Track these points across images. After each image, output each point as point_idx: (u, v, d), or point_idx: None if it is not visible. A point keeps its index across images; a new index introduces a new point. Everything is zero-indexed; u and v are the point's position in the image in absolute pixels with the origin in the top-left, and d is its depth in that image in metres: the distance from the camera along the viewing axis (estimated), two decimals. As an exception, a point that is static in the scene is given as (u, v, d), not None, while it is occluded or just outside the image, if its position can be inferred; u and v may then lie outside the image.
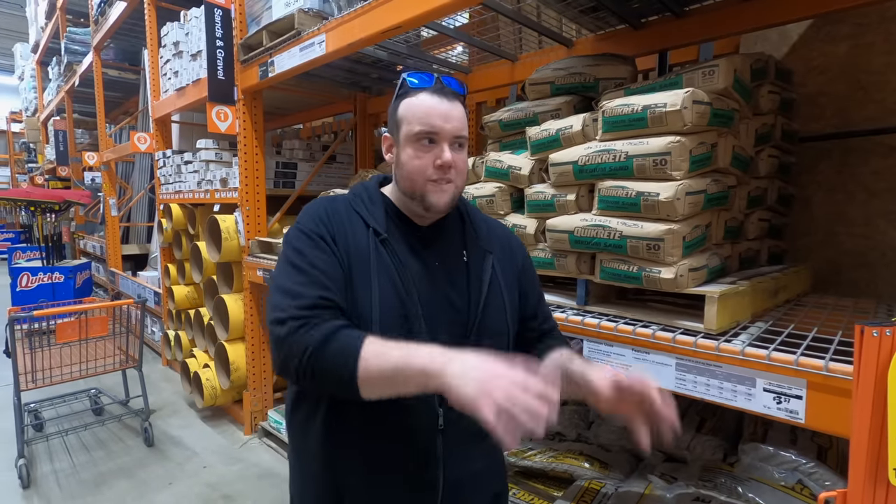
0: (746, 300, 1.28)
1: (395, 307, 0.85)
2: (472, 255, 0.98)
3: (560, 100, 1.68)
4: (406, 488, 0.90)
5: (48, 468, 2.71)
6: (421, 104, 0.89)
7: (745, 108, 1.43)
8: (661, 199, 1.18)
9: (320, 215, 0.91)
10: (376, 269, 0.87)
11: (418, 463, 0.89)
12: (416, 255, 0.92)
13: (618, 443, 1.80)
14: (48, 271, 5.09)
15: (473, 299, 0.94)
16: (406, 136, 0.90)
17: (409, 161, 0.90)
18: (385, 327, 0.83)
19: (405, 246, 0.92)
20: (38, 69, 9.34)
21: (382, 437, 0.89)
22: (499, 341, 0.95)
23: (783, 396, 1.01)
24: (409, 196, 0.92)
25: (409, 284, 0.87)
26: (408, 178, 0.91)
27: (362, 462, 0.90)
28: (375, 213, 0.93)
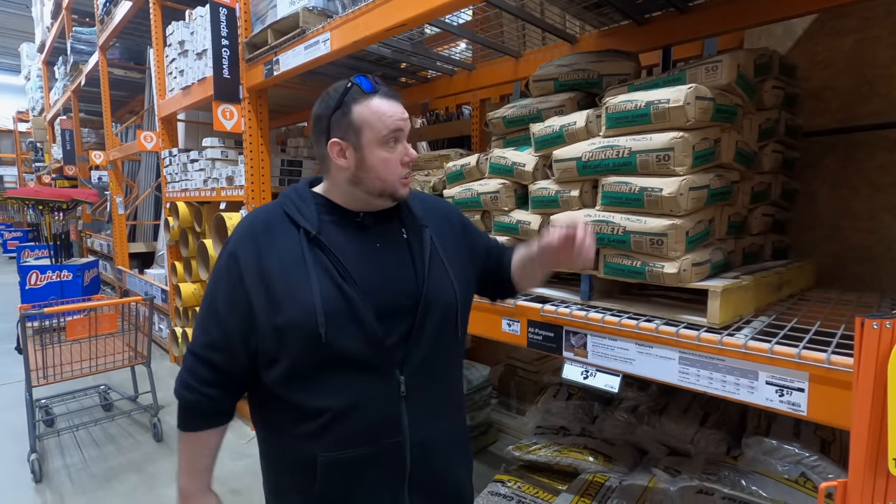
0: (749, 295, 1.29)
1: (335, 295, 0.91)
2: (410, 232, 1.04)
3: (564, 96, 1.69)
4: (375, 456, 0.95)
5: (59, 463, 2.75)
6: (383, 109, 0.95)
7: (749, 104, 1.44)
8: (665, 194, 1.18)
9: (242, 237, 0.97)
10: (313, 266, 0.92)
11: (384, 431, 0.95)
12: (355, 242, 0.98)
13: (622, 437, 1.82)
14: (56, 269, 5.14)
15: (419, 273, 1.00)
16: (373, 140, 0.95)
17: (380, 163, 0.95)
18: (329, 315, 0.89)
19: (342, 236, 0.97)
20: (44, 69, 9.40)
21: (349, 409, 0.93)
22: (445, 307, 1.01)
23: (785, 389, 1.02)
24: (376, 193, 0.98)
25: (345, 272, 0.93)
26: (378, 179, 0.96)
27: (331, 435, 0.93)
28: (306, 212, 0.97)
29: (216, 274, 0.98)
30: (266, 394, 0.97)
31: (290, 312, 0.89)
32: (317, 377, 0.93)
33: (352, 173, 0.97)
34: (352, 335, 0.91)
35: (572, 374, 1.38)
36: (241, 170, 3.05)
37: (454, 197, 1.84)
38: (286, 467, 0.98)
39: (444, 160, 2.59)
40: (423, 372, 0.98)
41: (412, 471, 0.98)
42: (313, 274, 0.91)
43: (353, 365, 0.93)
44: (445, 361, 1.04)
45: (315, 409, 0.93)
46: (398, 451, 0.96)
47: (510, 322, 1.54)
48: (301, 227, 0.95)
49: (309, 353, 0.91)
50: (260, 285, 0.92)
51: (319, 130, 0.99)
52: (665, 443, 1.71)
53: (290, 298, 0.90)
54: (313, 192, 1.03)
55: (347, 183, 0.98)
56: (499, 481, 1.80)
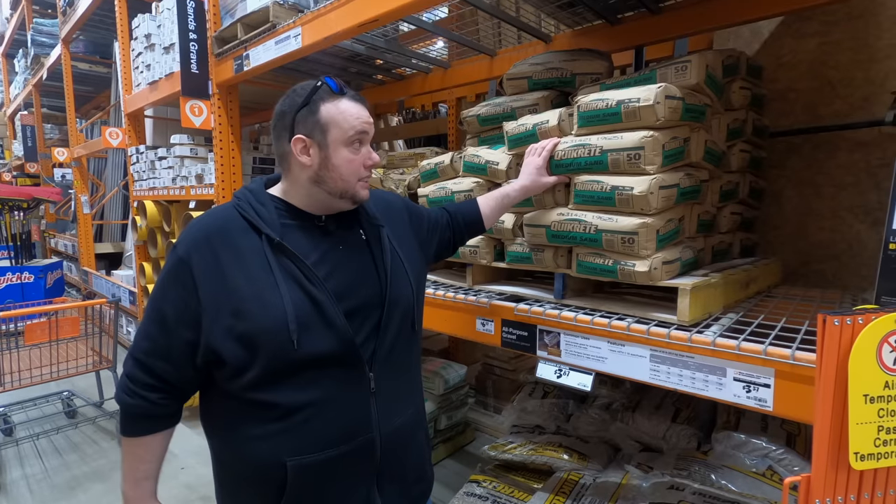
0: (718, 292, 1.31)
1: (305, 301, 0.90)
2: (368, 232, 1.05)
3: (537, 95, 1.68)
4: (346, 455, 0.94)
5: (18, 473, 2.63)
6: (351, 110, 0.95)
7: (717, 104, 1.46)
8: (635, 193, 1.19)
9: (196, 244, 0.92)
10: (279, 274, 0.90)
11: (356, 428, 0.95)
12: (318, 246, 0.97)
13: (596, 434, 1.83)
14: (17, 271, 4.93)
15: (381, 272, 1.02)
16: (339, 140, 0.95)
17: (344, 163, 0.96)
18: (302, 324, 0.88)
19: (305, 241, 0.96)
20: (3, 62, 9.01)
21: (320, 409, 0.92)
22: (406, 304, 1.05)
23: (752, 385, 1.03)
24: (337, 194, 0.97)
25: (314, 276, 0.92)
26: (341, 179, 0.96)
27: (302, 438, 0.92)
28: (266, 216, 0.94)
29: (165, 279, 0.93)
30: (227, 399, 0.93)
31: (260, 322, 0.87)
32: (287, 381, 0.90)
33: (314, 172, 0.95)
34: (323, 338, 0.90)
35: (546, 373, 1.38)
36: (211, 168, 2.97)
37: (428, 195, 1.83)
38: (250, 475, 0.94)
39: (419, 158, 2.57)
40: (389, 366, 1.01)
41: (382, 465, 0.98)
42: (281, 281, 0.89)
43: (324, 365, 0.91)
44: (408, 354, 1.08)
45: (284, 412, 0.90)
46: (369, 447, 0.97)
47: (484, 322, 1.53)
48: (263, 232, 0.92)
49: (280, 360, 0.89)
50: (219, 296, 0.88)
51: (282, 127, 0.97)
52: (638, 439, 1.73)
53: (259, 308, 0.88)
54: (270, 194, 1.00)
55: (309, 182, 0.96)
56: (474, 481, 1.79)
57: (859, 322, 0.74)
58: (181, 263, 0.91)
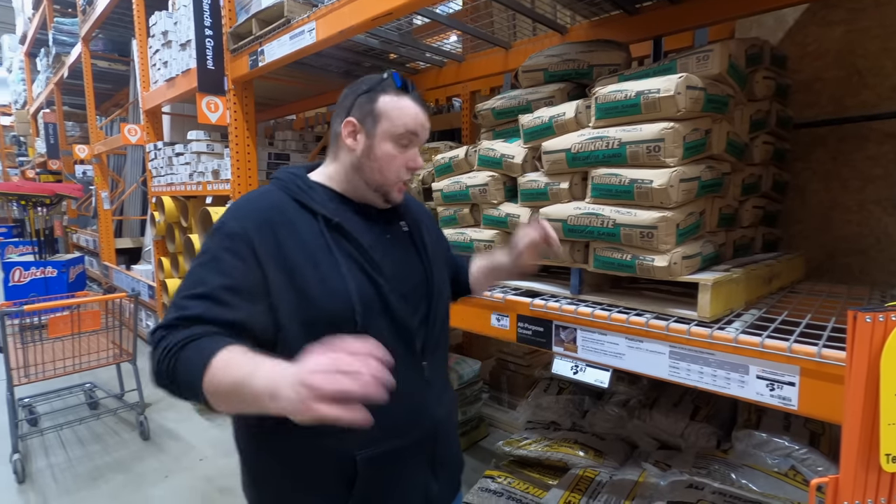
0: (740, 288, 1.28)
1: (367, 285, 0.89)
2: (409, 224, 1.06)
3: (553, 87, 1.66)
4: (410, 445, 0.94)
5: (44, 463, 2.70)
6: (408, 108, 0.95)
7: (740, 94, 1.42)
8: (655, 186, 1.16)
9: (261, 218, 0.87)
10: (339, 255, 0.89)
11: (417, 418, 0.95)
12: (369, 233, 0.96)
13: (613, 431, 1.81)
14: (41, 266, 5.05)
15: (425, 261, 1.03)
16: (386, 133, 0.94)
17: (385, 157, 0.95)
18: (364, 306, 0.87)
19: (356, 226, 0.95)
20: (26, 61, 9.20)
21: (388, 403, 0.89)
22: (446, 296, 1.07)
23: (776, 383, 1.01)
24: (372, 187, 0.97)
25: (371, 259, 0.91)
26: (379, 172, 0.95)
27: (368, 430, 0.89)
28: (318, 199, 0.94)
29: (214, 253, 0.84)
30: None
31: (324, 303, 0.86)
32: None
33: (357, 158, 0.96)
34: (383, 323, 0.90)
35: (562, 368, 1.36)
36: (227, 163, 3.00)
37: (443, 190, 1.81)
38: (310, 468, 0.90)
39: (433, 153, 2.55)
40: (436, 356, 1.02)
41: (437, 452, 0.99)
42: (342, 263, 0.88)
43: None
44: (447, 345, 1.11)
45: None
46: (429, 436, 0.97)
47: (500, 317, 1.52)
48: (319, 213, 0.91)
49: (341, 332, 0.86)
50: (282, 277, 0.85)
51: (341, 108, 0.97)
52: (655, 437, 1.70)
53: (322, 287, 0.86)
54: (315, 180, 0.99)
55: (352, 168, 0.97)
56: (489, 477, 1.78)
57: (892, 319, 0.71)
58: (237, 237, 0.84)
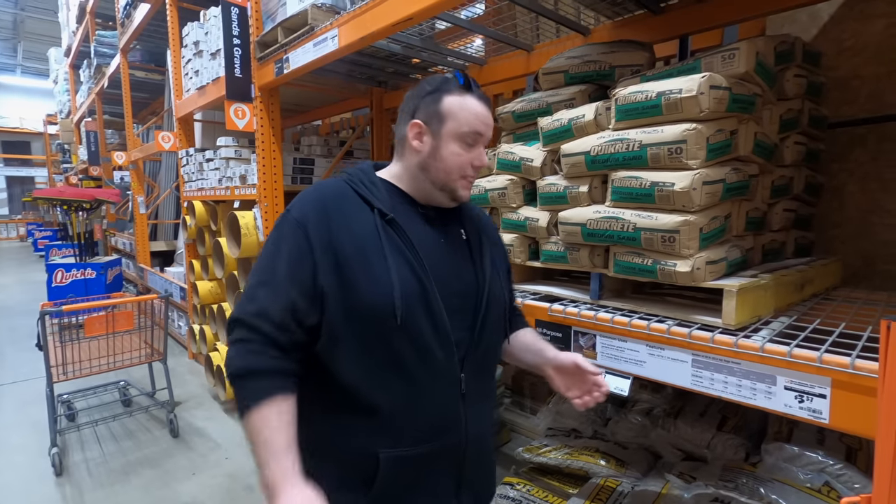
0: (768, 294, 1.23)
1: (412, 282, 0.89)
2: (469, 232, 1.04)
3: (574, 89, 1.63)
4: (435, 455, 0.93)
5: (80, 457, 2.81)
6: (473, 107, 0.95)
7: (769, 93, 1.37)
8: (676, 189, 1.13)
9: (313, 208, 0.92)
10: (389, 249, 0.89)
11: (446, 428, 0.94)
12: (424, 231, 0.97)
13: (635, 440, 1.76)
14: (81, 267, 5.28)
15: (479, 272, 1.01)
16: (452, 133, 0.95)
17: (451, 156, 0.95)
18: (407, 302, 0.87)
19: (412, 224, 0.95)
20: (70, 72, 9.67)
21: (412, 403, 0.91)
22: (500, 308, 1.03)
23: (805, 395, 0.96)
24: (438, 186, 0.97)
25: (419, 258, 0.91)
26: (444, 171, 0.96)
27: (394, 430, 0.90)
28: (378, 194, 0.95)
29: (279, 241, 0.91)
30: (319, 381, 0.91)
31: (366, 292, 0.86)
32: (384, 366, 0.89)
33: (423, 158, 0.96)
34: (423, 323, 0.89)
35: (581, 375, 1.33)
36: (253, 168, 3.07)
37: (462, 194, 1.81)
38: (336, 462, 0.92)
39: (454, 157, 2.55)
40: (479, 370, 0.99)
41: (465, 470, 0.97)
42: (389, 254, 0.89)
43: (419, 356, 0.89)
44: (494, 359, 1.07)
45: (378, 402, 0.89)
46: (457, 451, 0.95)
47: (518, 322, 1.50)
48: (375, 206, 0.92)
49: (380, 338, 0.88)
50: (329, 262, 0.88)
51: (406, 110, 0.99)
52: (680, 447, 1.65)
53: (367, 277, 0.87)
54: (379, 176, 1.00)
55: (417, 167, 0.98)
56: (508, 484, 1.76)
57: (930, 329, 0.66)
58: (297, 225, 0.90)
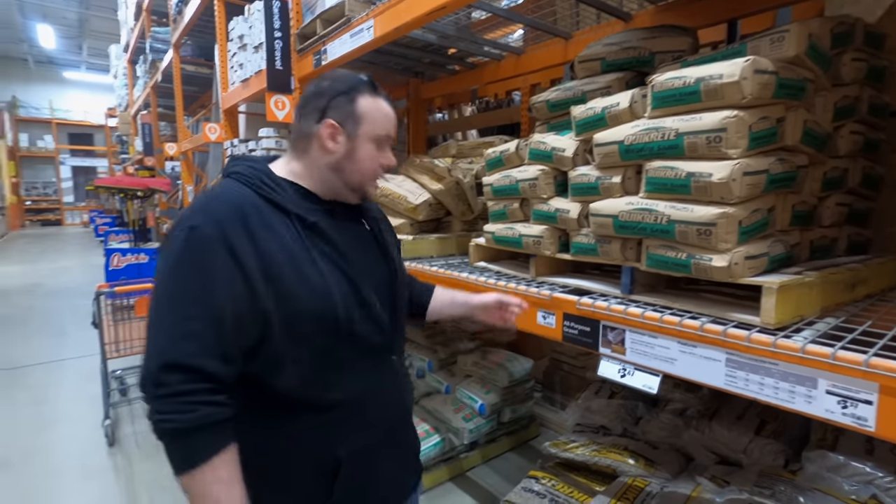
0: (814, 293, 1.15)
1: (345, 283, 0.92)
2: (370, 223, 1.08)
3: (611, 77, 1.58)
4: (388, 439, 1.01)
5: (130, 429, 3.00)
6: (385, 110, 0.99)
7: (823, 79, 1.27)
8: (714, 180, 1.08)
9: (235, 217, 0.83)
10: (317, 254, 0.89)
11: (394, 412, 1.03)
12: (339, 230, 0.97)
13: (667, 440, 1.71)
14: (135, 252, 5.60)
15: (388, 259, 1.06)
16: (368, 135, 0.97)
17: (366, 158, 0.98)
18: (345, 305, 0.90)
19: (328, 224, 0.95)
20: (129, 67, 10.19)
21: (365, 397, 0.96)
22: (406, 289, 1.14)
23: (850, 401, 0.90)
24: (351, 187, 0.99)
25: (348, 260, 0.93)
26: (359, 172, 0.98)
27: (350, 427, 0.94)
28: (290, 198, 0.92)
29: (193, 261, 0.79)
30: (263, 391, 0.87)
31: (307, 303, 0.86)
32: (333, 368, 0.91)
33: (336, 160, 0.96)
34: (362, 320, 0.92)
35: (609, 371, 1.30)
36: (292, 159, 3.14)
37: (493, 184, 1.79)
38: (291, 469, 0.91)
39: (487, 147, 2.53)
40: (400, 347, 1.08)
41: (398, 437, 1.05)
42: (319, 260, 0.89)
43: (364, 351, 0.94)
44: (404, 340, 1.15)
45: (332, 402, 0.92)
46: (399, 426, 1.04)
47: (545, 315, 1.48)
48: (292, 213, 0.90)
49: (325, 343, 0.89)
50: (261, 277, 0.82)
51: (314, 108, 0.96)
52: (714, 450, 1.58)
53: (303, 288, 0.86)
54: (280, 177, 0.96)
55: (328, 168, 0.96)
56: (533, 477, 1.75)
57: None
58: (217, 241, 0.80)
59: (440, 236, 2.26)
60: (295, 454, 0.91)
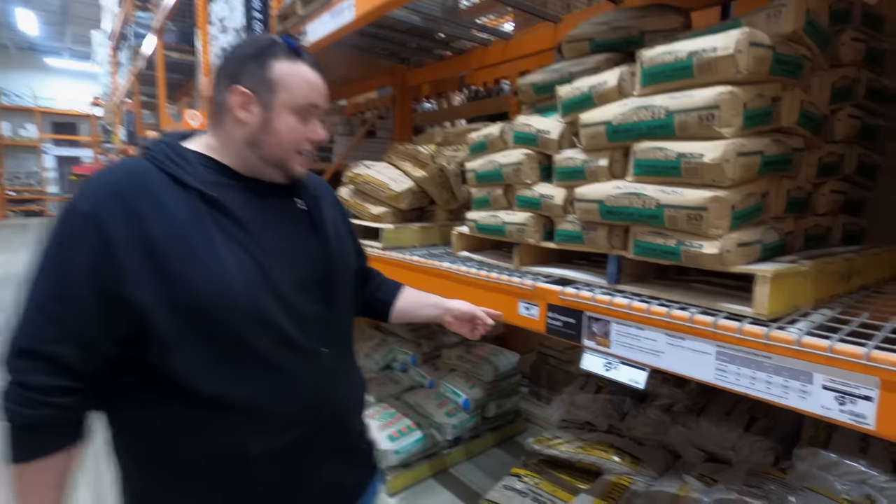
0: (808, 283, 1.09)
1: (250, 265, 0.82)
2: (308, 202, 0.98)
3: (599, 57, 1.51)
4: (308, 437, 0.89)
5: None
6: (307, 76, 0.88)
7: (820, 58, 1.21)
8: (706, 160, 1.01)
9: (105, 200, 0.76)
10: (217, 232, 0.80)
11: (319, 407, 0.91)
12: (253, 209, 0.87)
13: (653, 437, 1.65)
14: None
15: (323, 244, 0.96)
16: (286, 105, 0.87)
17: (286, 131, 0.88)
18: (249, 288, 0.80)
19: (239, 201, 0.85)
20: (113, 55, 9.94)
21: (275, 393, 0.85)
22: (348, 275, 1.04)
23: (847, 396, 0.84)
24: (271, 162, 0.90)
25: (257, 239, 0.83)
26: (278, 145, 0.88)
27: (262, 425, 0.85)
28: (192, 171, 0.83)
29: (61, 241, 0.75)
30: (161, 382, 0.78)
31: (199, 285, 0.77)
32: (240, 360, 0.81)
33: (251, 133, 0.87)
34: (273, 307, 0.82)
35: (593, 364, 1.24)
36: (273, 146, 3.04)
37: (476, 170, 1.71)
38: (196, 469, 0.82)
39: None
40: (337, 339, 0.98)
41: (344, 440, 0.96)
42: (219, 238, 0.79)
43: (275, 341, 0.83)
44: (349, 329, 1.06)
45: (241, 397, 0.81)
46: (335, 425, 0.94)
47: (528, 305, 1.41)
48: (191, 186, 0.81)
49: (226, 332, 0.79)
50: (139, 259, 0.74)
51: (224, 73, 0.87)
52: (702, 447, 1.53)
53: (195, 268, 0.77)
54: (192, 150, 0.89)
55: (243, 143, 0.87)
56: (515, 475, 1.69)
57: None
58: (88, 220, 0.74)
59: (423, 225, 2.18)
60: (200, 452, 0.82)
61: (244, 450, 0.82)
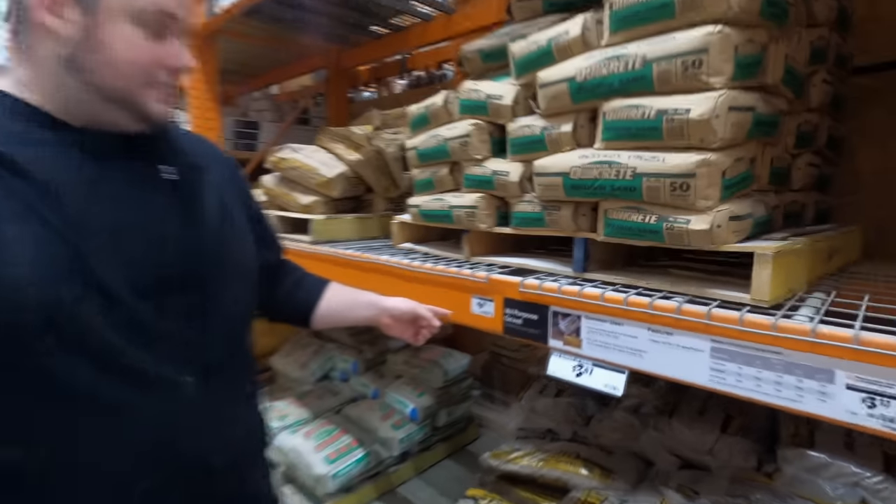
0: (801, 263, 0.95)
1: (62, 257, 0.56)
2: (178, 168, 0.72)
3: (555, 17, 1.31)
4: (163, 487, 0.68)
5: None
6: None
7: (800, 9, 1.08)
8: (693, 116, 0.83)
9: None
10: (8, 209, 0.54)
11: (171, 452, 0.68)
12: (75, 172, 0.61)
13: (622, 443, 1.48)
14: None
15: (199, 230, 0.71)
16: (121, 9, 0.59)
17: (124, 46, 0.60)
18: (58, 291, 0.54)
19: (57, 162, 0.59)
20: None
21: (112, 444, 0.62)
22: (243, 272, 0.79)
23: (878, 397, 0.68)
24: (107, 94, 0.62)
25: (71, 216, 0.57)
26: (113, 69, 0.61)
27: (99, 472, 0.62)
28: None
29: None
30: None
31: None
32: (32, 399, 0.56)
33: (70, 51, 0.59)
34: (86, 310, 0.56)
35: (561, 369, 1.04)
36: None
37: (417, 147, 1.48)
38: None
39: (415, 115, 2.22)
40: (219, 364, 0.72)
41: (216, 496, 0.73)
42: (10, 219, 0.54)
43: (108, 367, 0.58)
44: (243, 345, 0.81)
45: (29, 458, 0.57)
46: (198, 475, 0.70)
47: (482, 301, 1.19)
48: None
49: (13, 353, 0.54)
50: None
51: None
52: (676, 452, 1.38)
53: None
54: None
55: (60, 67, 0.60)
56: (472, 498, 1.47)
57: None
58: None
59: (359, 216, 1.93)
60: None
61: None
